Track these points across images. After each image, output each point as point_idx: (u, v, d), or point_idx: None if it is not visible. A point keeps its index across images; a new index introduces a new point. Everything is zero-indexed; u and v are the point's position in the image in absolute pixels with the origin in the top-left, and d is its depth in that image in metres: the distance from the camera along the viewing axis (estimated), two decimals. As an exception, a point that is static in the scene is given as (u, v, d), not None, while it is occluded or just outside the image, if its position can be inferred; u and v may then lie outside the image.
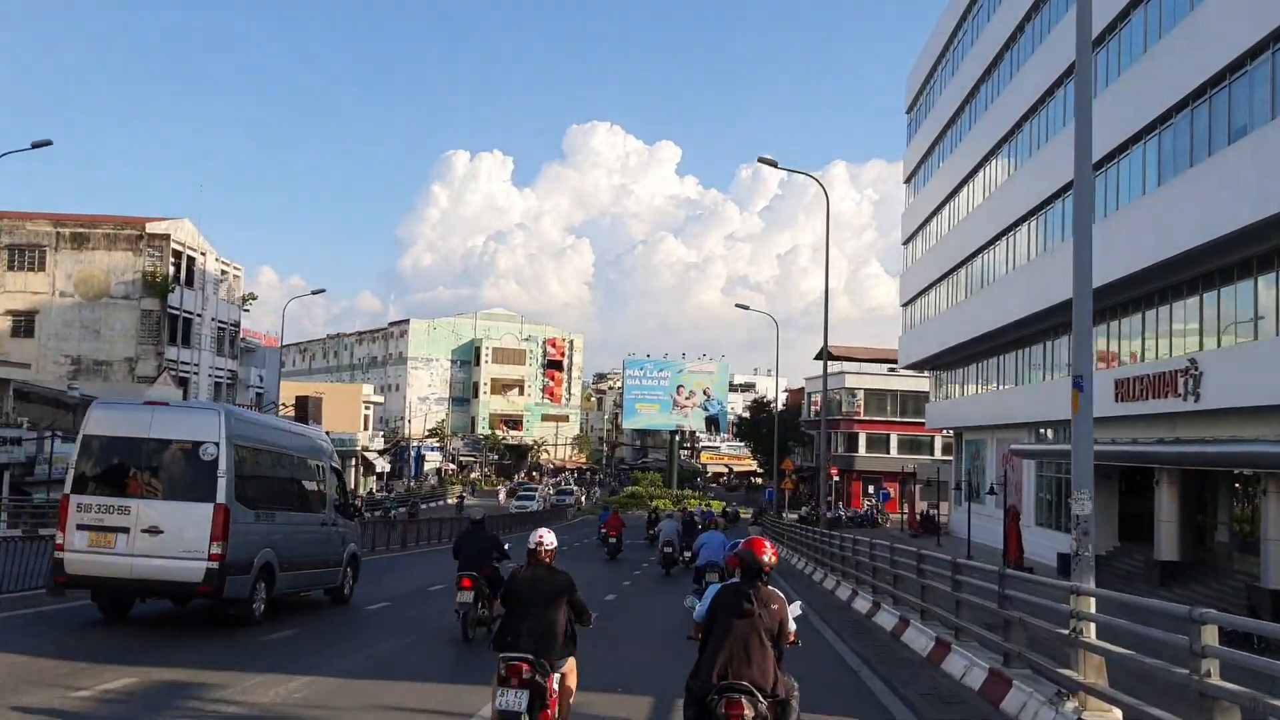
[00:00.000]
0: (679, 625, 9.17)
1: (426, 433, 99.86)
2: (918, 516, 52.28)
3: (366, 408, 77.88)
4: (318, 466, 15.54)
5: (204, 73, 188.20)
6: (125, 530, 11.74)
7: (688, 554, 25.55)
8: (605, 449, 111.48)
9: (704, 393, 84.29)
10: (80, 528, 11.85)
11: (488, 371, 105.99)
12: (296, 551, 13.90)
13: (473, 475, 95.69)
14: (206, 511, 11.79)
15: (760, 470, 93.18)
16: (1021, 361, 39.62)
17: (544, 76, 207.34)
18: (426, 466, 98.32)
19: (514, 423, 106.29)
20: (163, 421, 12.33)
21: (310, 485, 15.20)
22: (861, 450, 75.08)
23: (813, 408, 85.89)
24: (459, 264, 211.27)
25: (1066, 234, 32.96)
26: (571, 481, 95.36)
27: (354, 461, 73.22)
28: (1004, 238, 39.17)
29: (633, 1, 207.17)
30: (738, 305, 56.01)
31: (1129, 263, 26.02)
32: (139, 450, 12.23)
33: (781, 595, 5.70)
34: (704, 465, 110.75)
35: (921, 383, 76.71)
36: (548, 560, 6.77)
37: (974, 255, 43.77)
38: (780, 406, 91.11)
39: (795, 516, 58.67)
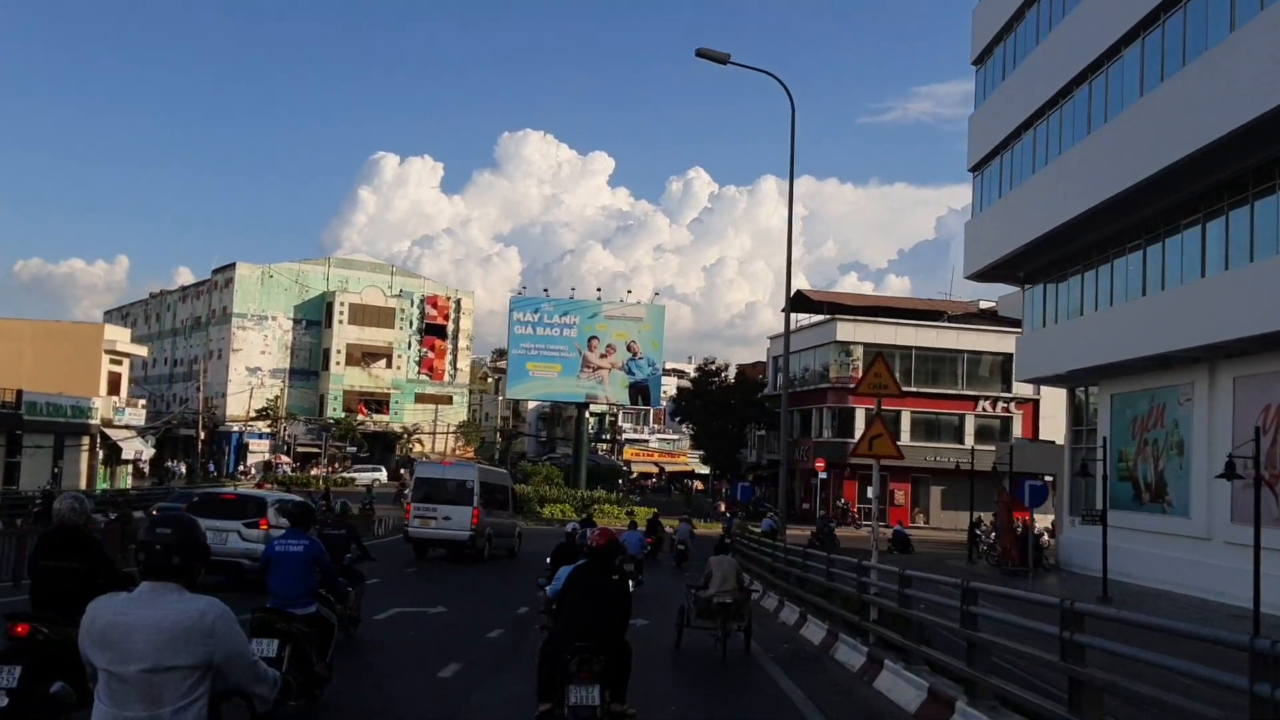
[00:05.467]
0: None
1: (254, 413, 73.80)
2: (1012, 538, 28.46)
3: (117, 362, 51.25)
4: (506, 487, 30.87)
5: (137, 67, 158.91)
6: (435, 518, 25.80)
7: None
8: (500, 441, 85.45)
9: (628, 348, 56.15)
10: (415, 517, 26.12)
11: (342, 335, 79.80)
12: (499, 530, 27.67)
13: (314, 470, 69.59)
14: (469, 511, 25.65)
15: (705, 468, 68.68)
16: None
17: (478, 82, 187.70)
18: (251, 458, 72.31)
19: (378, 404, 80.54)
20: (451, 471, 27.89)
21: (502, 497, 29.26)
22: (859, 435, 50.83)
23: (777, 380, 62.53)
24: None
25: None
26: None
27: (83, 442, 47.11)
28: None
29: (572, 9, 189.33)
30: (699, 52, 23.80)
31: None
32: (440, 484, 26.45)
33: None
34: (627, 462, 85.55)
35: (947, 337, 53.46)
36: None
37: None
38: (731, 380, 67.41)
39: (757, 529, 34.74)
